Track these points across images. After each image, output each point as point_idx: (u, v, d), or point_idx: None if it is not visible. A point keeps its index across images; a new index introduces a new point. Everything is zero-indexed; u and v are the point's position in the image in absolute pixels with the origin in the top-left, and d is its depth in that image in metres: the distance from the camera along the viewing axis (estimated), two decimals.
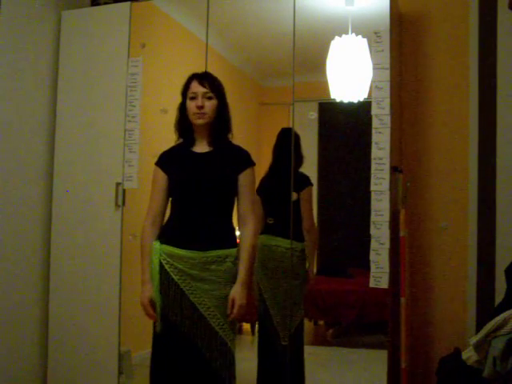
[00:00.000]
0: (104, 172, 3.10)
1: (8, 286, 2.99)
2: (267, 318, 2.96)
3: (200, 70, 2.35)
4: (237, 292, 2.15)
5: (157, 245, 2.18)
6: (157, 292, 2.16)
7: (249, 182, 2.25)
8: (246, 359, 2.94)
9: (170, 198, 2.28)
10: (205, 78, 2.24)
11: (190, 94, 2.22)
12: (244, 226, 2.24)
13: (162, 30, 3.31)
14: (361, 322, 3.08)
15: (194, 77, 2.25)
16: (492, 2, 2.89)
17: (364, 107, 2.78)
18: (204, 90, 2.20)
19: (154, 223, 2.25)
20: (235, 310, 2.14)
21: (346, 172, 3.09)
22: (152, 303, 2.17)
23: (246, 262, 2.19)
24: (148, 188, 2.32)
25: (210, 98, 2.21)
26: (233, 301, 2.15)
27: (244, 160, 2.27)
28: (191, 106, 2.21)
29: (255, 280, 2.97)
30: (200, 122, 2.21)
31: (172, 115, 2.32)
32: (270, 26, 3.14)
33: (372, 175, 2.65)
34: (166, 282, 2.15)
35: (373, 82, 2.70)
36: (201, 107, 2.18)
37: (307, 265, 2.94)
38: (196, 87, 2.21)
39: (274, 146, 3.03)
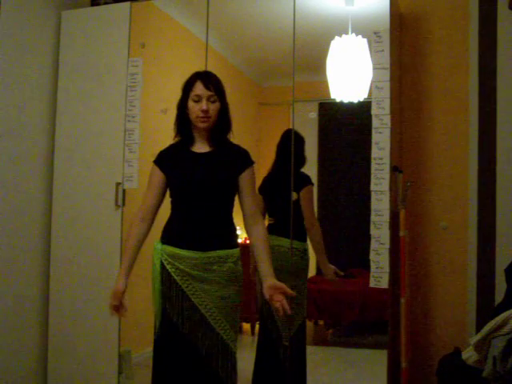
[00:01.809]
0: (104, 172, 3.10)
1: (8, 286, 2.99)
2: (270, 318, 2.96)
3: (200, 69, 2.34)
4: (276, 281, 2.10)
5: (158, 245, 2.18)
6: (158, 292, 2.15)
7: (250, 181, 2.24)
8: (246, 359, 2.94)
9: (170, 199, 2.27)
10: (209, 80, 2.19)
11: (193, 96, 2.17)
12: (254, 226, 2.21)
13: (161, 30, 3.31)
14: (361, 321, 3.08)
15: (198, 77, 2.19)
16: (492, 2, 2.89)
17: (364, 107, 2.78)
18: (209, 93, 2.16)
19: (144, 220, 2.22)
20: (287, 291, 2.08)
21: (346, 172, 3.09)
22: (123, 298, 2.16)
23: (269, 258, 2.16)
24: None
25: (213, 101, 2.17)
26: (279, 287, 2.08)
27: (244, 160, 2.25)
28: (195, 108, 2.17)
29: (258, 280, 2.97)
30: (204, 125, 2.18)
31: (172, 115, 2.31)
32: (270, 26, 3.14)
33: (372, 175, 2.65)
34: (167, 282, 2.14)
35: (373, 82, 2.70)
36: (206, 111, 2.16)
37: (319, 259, 2.94)
38: (201, 89, 2.16)
39: (278, 145, 3.02)
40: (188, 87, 2.20)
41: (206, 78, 2.20)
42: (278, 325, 2.93)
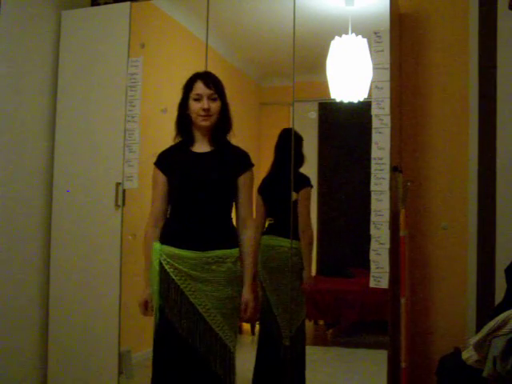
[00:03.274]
0: (104, 172, 3.10)
1: (8, 286, 2.98)
2: (270, 318, 2.96)
3: (200, 70, 2.34)
4: (248, 294, 2.19)
5: (157, 245, 2.18)
6: (156, 293, 2.16)
7: (248, 183, 2.25)
8: (246, 359, 2.94)
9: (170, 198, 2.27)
10: (210, 79, 2.21)
11: (193, 95, 2.19)
12: (244, 229, 2.23)
13: (161, 30, 3.31)
14: (361, 321, 3.08)
15: (198, 77, 2.22)
16: (492, 1, 2.89)
17: (364, 107, 2.78)
18: (209, 91, 2.18)
19: (157, 225, 2.24)
20: (248, 313, 2.19)
21: (346, 172, 3.09)
22: (148, 305, 2.21)
23: (251, 265, 2.21)
24: (148, 188, 2.32)
25: (214, 100, 2.19)
26: (246, 304, 2.18)
27: (244, 161, 2.26)
28: (196, 107, 2.19)
29: (258, 280, 2.97)
30: (206, 124, 2.20)
31: (172, 115, 2.32)
32: (270, 26, 3.14)
33: (372, 175, 2.65)
34: (165, 282, 2.15)
35: (373, 82, 2.70)
36: (207, 110, 2.17)
37: (304, 265, 2.94)
38: (201, 88, 2.19)
39: (276, 146, 3.03)
40: (188, 87, 2.23)
41: (206, 77, 2.23)
42: (279, 325, 2.93)
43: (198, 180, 2.18)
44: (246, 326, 3.34)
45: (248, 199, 2.25)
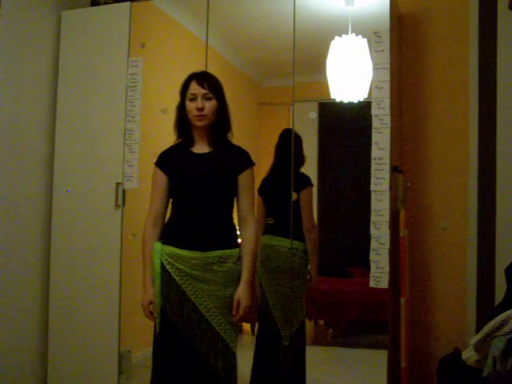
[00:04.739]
0: (104, 172, 3.10)
1: (8, 286, 2.98)
2: (269, 318, 2.96)
3: (200, 70, 2.35)
4: (242, 293, 2.16)
5: (158, 245, 2.18)
6: (158, 293, 2.16)
7: (248, 182, 2.25)
8: (246, 359, 2.94)
9: (171, 199, 2.27)
10: (204, 79, 2.22)
11: (189, 95, 2.21)
12: (245, 227, 2.24)
13: (161, 29, 3.31)
14: (361, 322, 3.08)
15: (193, 77, 2.23)
16: (492, 1, 2.89)
17: (364, 107, 2.78)
18: (204, 91, 2.19)
19: (155, 224, 2.24)
20: (241, 311, 2.16)
21: (346, 172, 3.09)
22: (152, 306, 2.18)
23: (249, 264, 2.20)
24: (148, 188, 2.32)
25: (209, 99, 2.20)
26: (238, 302, 2.16)
27: (244, 160, 2.26)
28: (191, 107, 2.20)
29: (257, 280, 2.97)
30: (201, 123, 2.20)
31: (172, 115, 2.32)
32: (270, 26, 3.14)
33: (372, 175, 2.65)
34: (167, 282, 2.15)
35: (373, 82, 2.70)
36: (201, 109, 2.18)
37: (309, 265, 2.94)
38: (195, 88, 2.20)
39: (276, 146, 3.04)
40: (184, 88, 2.24)
41: (200, 77, 2.24)
42: (278, 325, 2.93)
43: (197, 181, 2.18)
44: (246, 326, 3.34)
45: (249, 197, 2.25)
